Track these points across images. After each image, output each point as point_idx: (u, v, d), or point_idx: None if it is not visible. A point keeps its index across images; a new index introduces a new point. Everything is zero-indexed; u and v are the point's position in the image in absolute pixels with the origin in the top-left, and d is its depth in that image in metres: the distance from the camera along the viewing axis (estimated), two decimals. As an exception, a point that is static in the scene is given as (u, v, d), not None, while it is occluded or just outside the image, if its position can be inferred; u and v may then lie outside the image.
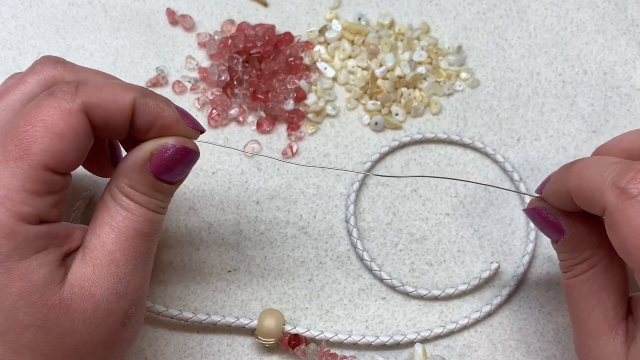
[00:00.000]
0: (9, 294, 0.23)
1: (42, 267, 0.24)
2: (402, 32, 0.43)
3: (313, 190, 0.39)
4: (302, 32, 0.43)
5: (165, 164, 0.26)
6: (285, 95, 0.41)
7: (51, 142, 0.23)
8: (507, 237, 0.38)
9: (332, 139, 0.40)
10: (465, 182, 0.34)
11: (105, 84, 0.26)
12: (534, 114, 0.41)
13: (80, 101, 0.24)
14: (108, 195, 0.26)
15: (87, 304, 0.25)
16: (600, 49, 0.43)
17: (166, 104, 0.27)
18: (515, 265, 0.37)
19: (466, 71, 0.42)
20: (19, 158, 0.23)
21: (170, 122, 0.27)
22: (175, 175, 0.27)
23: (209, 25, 0.44)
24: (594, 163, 0.26)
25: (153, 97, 0.27)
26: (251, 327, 0.35)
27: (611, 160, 0.26)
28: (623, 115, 0.41)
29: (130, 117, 0.26)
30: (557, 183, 0.28)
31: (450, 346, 0.36)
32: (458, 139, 0.40)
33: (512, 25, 0.44)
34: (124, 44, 0.43)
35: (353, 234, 0.37)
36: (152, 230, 0.27)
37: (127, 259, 0.26)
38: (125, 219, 0.26)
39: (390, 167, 0.40)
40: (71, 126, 0.24)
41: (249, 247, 0.38)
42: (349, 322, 0.36)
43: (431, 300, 0.36)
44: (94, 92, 0.25)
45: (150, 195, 0.27)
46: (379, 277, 0.36)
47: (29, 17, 0.43)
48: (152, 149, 0.26)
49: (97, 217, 0.26)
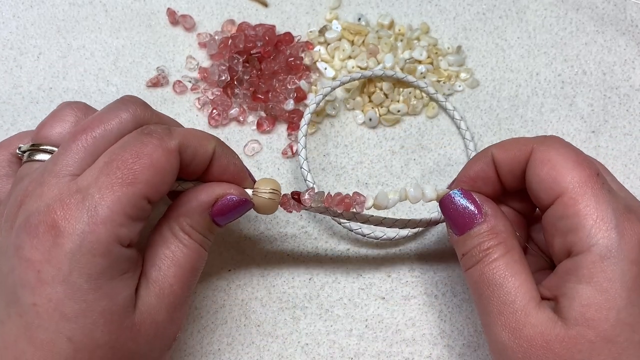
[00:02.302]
0: (93, 312, 0.25)
1: (125, 289, 0.26)
2: (402, 32, 0.43)
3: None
4: (302, 32, 0.43)
5: (226, 211, 0.30)
6: (285, 95, 0.41)
7: (154, 175, 0.26)
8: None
9: (332, 139, 0.41)
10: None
11: (191, 131, 0.29)
12: (533, 114, 0.41)
13: (177, 142, 0.27)
14: (168, 231, 0.29)
15: (150, 330, 0.27)
16: (599, 50, 0.43)
17: (236, 156, 0.31)
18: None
19: (466, 71, 0.42)
20: (126, 185, 0.25)
21: (237, 172, 0.30)
22: (228, 220, 0.30)
23: (209, 25, 0.44)
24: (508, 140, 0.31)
25: (227, 148, 0.31)
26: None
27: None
28: (622, 116, 0.41)
29: (210, 162, 0.29)
30: (477, 160, 0.31)
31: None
32: (404, 77, 0.41)
33: (512, 25, 0.44)
34: (124, 44, 0.43)
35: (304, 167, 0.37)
36: (201, 266, 0.30)
37: (183, 290, 0.28)
38: (186, 256, 0.28)
39: (390, 167, 0.40)
40: (170, 163, 0.27)
41: (249, 246, 0.38)
42: (348, 322, 0.36)
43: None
44: (185, 135, 0.28)
45: (205, 235, 0.30)
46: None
47: (30, 17, 0.43)
48: (219, 195, 0.29)
49: (156, 251, 0.28)
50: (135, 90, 0.41)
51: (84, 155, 0.27)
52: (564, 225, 0.27)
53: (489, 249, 0.28)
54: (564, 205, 0.27)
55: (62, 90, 0.41)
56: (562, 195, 0.27)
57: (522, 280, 0.27)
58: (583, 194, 0.26)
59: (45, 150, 0.29)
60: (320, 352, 0.35)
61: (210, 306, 0.36)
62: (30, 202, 0.26)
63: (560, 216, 0.27)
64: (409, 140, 0.41)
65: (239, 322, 0.36)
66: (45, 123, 0.30)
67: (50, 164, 0.27)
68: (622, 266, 0.25)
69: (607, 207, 0.26)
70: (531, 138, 0.30)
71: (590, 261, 0.25)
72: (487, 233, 0.29)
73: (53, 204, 0.25)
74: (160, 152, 0.26)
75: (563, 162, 0.27)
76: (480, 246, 0.29)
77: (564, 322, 0.26)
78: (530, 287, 0.27)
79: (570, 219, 0.26)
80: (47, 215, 0.25)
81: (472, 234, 0.29)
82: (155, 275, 0.28)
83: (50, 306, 0.24)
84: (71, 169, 0.26)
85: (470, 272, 0.29)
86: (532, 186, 0.28)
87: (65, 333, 0.24)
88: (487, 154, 0.31)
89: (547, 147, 0.28)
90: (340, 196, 0.31)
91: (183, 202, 0.29)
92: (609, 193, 0.27)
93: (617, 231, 0.25)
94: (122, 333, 0.26)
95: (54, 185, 0.26)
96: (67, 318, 0.24)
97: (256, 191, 0.31)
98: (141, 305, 0.27)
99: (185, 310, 0.29)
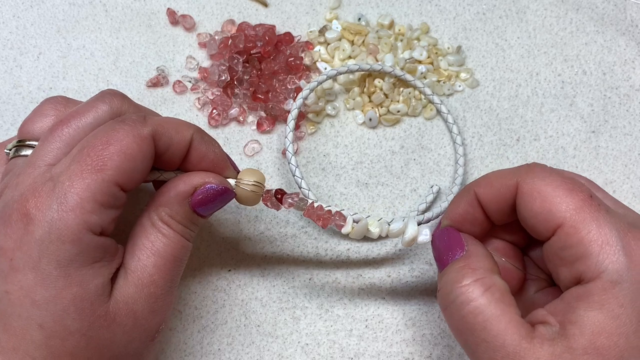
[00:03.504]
0: (63, 299, 0.25)
1: (97, 277, 0.26)
2: (402, 32, 0.43)
3: (313, 189, 0.39)
4: (302, 32, 0.43)
5: (205, 200, 0.29)
6: (286, 95, 0.41)
7: (124, 162, 0.26)
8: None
9: (332, 139, 0.41)
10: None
11: (168, 119, 0.29)
12: (533, 114, 0.41)
13: (150, 129, 0.27)
14: (148, 221, 0.28)
15: (128, 320, 0.27)
16: (599, 50, 0.43)
17: (217, 144, 0.30)
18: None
19: (466, 71, 0.42)
20: (95, 172, 0.25)
21: (218, 161, 0.30)
22: (210, 210, 0.30)
23: (209, 25, 0.44)
24: (491, 174, 0.30)
25: (207, 136, 0.30)
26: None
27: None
28: (622, 116, 0.41)
29: (187, 150, 0.29)
30: (460, 200, 0.31)
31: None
32: (402, 74, 0.41)
33: (512, 25, 0.44)
34: (124, 44, 0.43)
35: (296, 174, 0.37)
36: (184, 256, 0.29)
37: (164, 281, 0.28)
38: (165, 246, 0.28)
39: (390, 167, 0.40)
40: (141, 150, 0.26)
41: (249, 246, 0.38)
42: (348, 322, 0.36)
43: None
44: (160, 123, 0.28)
45: (186, 225, 0.29)
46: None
47: (30, 17, 0.43)
48: (197, 185, 0.29)
49: (136, 241, 0.28)
50: (135, 90, 0.41)
51: (60, 145, 0.27)
52: (569, 254, 0.26)
53: (463, 287, 0.27)
54: (565, 235, 0.26)
55: (62, 90, 0.41)
56: (561, 226, 0.26)
57: (507, 320, 0.26)
58: (582, 220, 0.26)
59: (29, 146, 0.29)
60: (320, 352, 0.35)
61: (210, 306, 0.36)
62: (7, 193, 0.26)
63: (564, 246, 0.26)
64: (408, 140, 0.41)
65: (239, 322, 0.36)
66: (28, 119, 0.30)
67: (29, 156, 0.27)
68: (633, 289, 0.25)
69: (610, 229, 0.25)
70: (513, 170, 0.29)
71: (601, 288, 0.25)
72: (462, 268, 0.28)
73: (26, 193, 0.25)
74: (132, 138, 0.26)
75: (553, 191, 0.27)
76: (454, 282, 0.27)
77: (570, 352, 0.25)
78: (519, 325, 0.26)
79: (575, 247, 0.26)
80: (20, 203, 0.25)
81: (448, 269, 0.28)
82: (134, 265, 0.27)
83: (22, 293, 0.24)
84: (47, 159, 0.27)
85: (448, 314, 0.28)
86: (528, 221, 0.28)
87: (36, 320, 0.24)
88: (470, 194, 0.30)
89: (532, 178, 0.28)
90: (322, 212, 0.31)
91: (162, 192, 0.29)
92: (607, 214, 0.26)
93: (625, 253, 0.25)
94: (95, 321, 0.25)
95: (29, 175, 0.26)
96: (38, 305, 0.24)
97: (239, 182, 0.30)
98: (117, 295, 0.27)
99: (169, 302, 0.29)
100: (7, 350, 0.24)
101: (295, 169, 0.36)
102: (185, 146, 0.29)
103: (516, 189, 0.28)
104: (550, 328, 0.26)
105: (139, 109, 0.31)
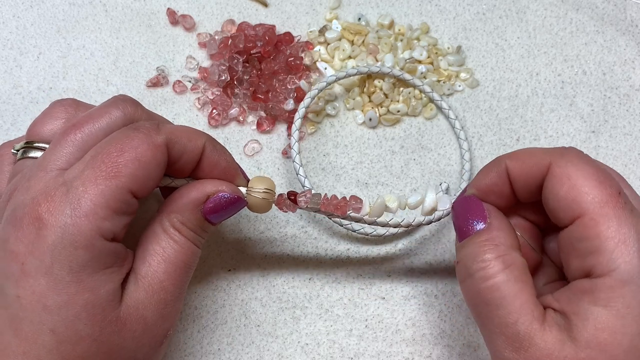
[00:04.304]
0: (75, 304, 0.25)
1: (108, 283, 0.26)
2: (402, 32, 0.43)
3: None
4: (302, 32, 0.43)
5: (218, 208, 0.29)
6: (286, 95, 0.41)
7: (138, 169, 0.26)
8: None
9: (331, 139, 0.41)
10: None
11: (180, 127, 0.29)
12: (533, 114, 0.41)
13: (163, 137, 0.27)
14: (159, 227, 0.29)
15: (138, 325, 0.27)
16: (599, 50, 0.43)
17: (228, 153, 0.31)
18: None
19: (466, 71, 0.42)
20: (109, 178, 0.25)
21: (229, 169, 0.30)
22: (221, 218, 0.30)
23: (209, 25, 0.44)
24: (523, 150, 0.30)
25: (218, 145, 0.30)
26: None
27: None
28: (622, 116, 0.41)
29: (199, 158, 0.29)
30: (489, 171, 0.30)
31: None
32: (400, 74, 0.40)
33: (512, 25, 0.44)
34: (124, 44, 0.43)
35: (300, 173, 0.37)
36: (194, 263, 0.30)
37: (174, 287, 0.28)
38: (176, 252, 0.28)
39: (390, 167, 0.40)
40: (155, 157, 0.27)
41: (249, 246, 0.38)
42: (348, 322, 0.36)
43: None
44: (173, 131, 0.28)
45: (196, 232, 0.29)
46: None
47: (30, 17, 0.43)
48: (210, 193, 0.29)
49: (147, 247, 0.28)
50: (135, 90, 0.41)
51: (73, 150, 0.27)
52: (584, 247, 0.26)
53: (484, 262, 0.27)
54: (584, 227, 0.26)
55: (62, 90, 0.41)
56: (582, 216, 0.26)
57: (523, 300, 0.26)
58: (604, 215, 0.25)
59: (38, 148, 0.29)
60: (320, 352, 0.35)
61: (210, 306, 0.36)
62: (18, 196, 0.26)
63: (580, 237, 0.26)
64: (408, 140, 0.41)
65: (239, 322, 0.36)
66: (37, 121, 0.30)
67: (40, 159, 0.27)
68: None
69: (630, 230, 0.25)
70: (548, 150, 0.29)
71: (609, 285, 0.25)
72: (484, 242, 0.28)
73: (38, 197, 0.25)
74: (146, 146, 0.26)
75: (583, 180, 0.26)
76: (475, 256, 0.27)
77: (573, 342, 0.25)
78: (533, 306, 0.26)
79: (591, 241, 0.25)
80: (32, 207, 0.25)
81: (469, 242, 0.28)
82: (145, 270, 0.28)
83: (34, 298, 0.24)
84: (59, 163, 0.27)
85: (465, 287, 0.28)
86: (550, 204, 0.27)
87: (48, 325, 0.24)
88: (500, 166, 0.29)
89: (566, 162, 0.27)
90: (337, 200, 0.31)
91: (174, 199, 0.29)
92: (631, 214, 0.26)
93: (639, 255, 0.25)
94: (106, 326, 0.26)
95: (41, 179, 0.26)
96: (50, 310, 0.24)
97: (250, 190, 0.31)
98: (128, 300, 0.27)
99: (177, 307, 0.29)
100: (18, 355, 0.24)
101: (300, 168, 0.36)
102: (198, 154, 0.29)
103: (547, 170, 0.28)
104: (557, 315, 0.26)
105: (152, 116, 0.31)
